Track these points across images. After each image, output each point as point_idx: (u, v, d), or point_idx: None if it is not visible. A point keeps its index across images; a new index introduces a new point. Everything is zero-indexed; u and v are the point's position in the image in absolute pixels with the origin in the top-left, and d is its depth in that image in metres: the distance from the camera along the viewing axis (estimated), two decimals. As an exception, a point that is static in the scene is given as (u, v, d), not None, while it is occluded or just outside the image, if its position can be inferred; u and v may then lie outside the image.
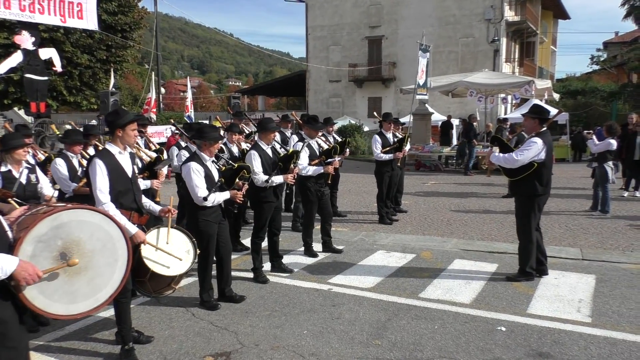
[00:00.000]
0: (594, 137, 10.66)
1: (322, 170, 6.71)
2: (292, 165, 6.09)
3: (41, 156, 5.72)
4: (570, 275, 6.08)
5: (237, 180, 5.24)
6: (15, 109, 23.77)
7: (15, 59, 15.06)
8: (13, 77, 20.25)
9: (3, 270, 2.44)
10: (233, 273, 6.20)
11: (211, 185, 4.98)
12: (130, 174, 4.15)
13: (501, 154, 5.77)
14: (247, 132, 10.04)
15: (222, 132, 6.41)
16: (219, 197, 5.01)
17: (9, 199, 4.19)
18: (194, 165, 4.94)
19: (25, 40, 15.28)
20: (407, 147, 9.31)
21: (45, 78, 15.97)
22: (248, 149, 6.43)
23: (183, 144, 7.61)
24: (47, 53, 16.00)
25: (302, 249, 7.13)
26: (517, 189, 5.83)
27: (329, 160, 6.79)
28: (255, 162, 5.81)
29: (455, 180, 15.29)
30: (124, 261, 3.20)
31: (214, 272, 5.30)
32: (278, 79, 50.46)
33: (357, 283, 5.84)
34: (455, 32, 32.83)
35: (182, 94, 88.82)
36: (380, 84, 34.65)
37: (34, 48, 15.43)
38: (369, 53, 35.07)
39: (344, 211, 9.97)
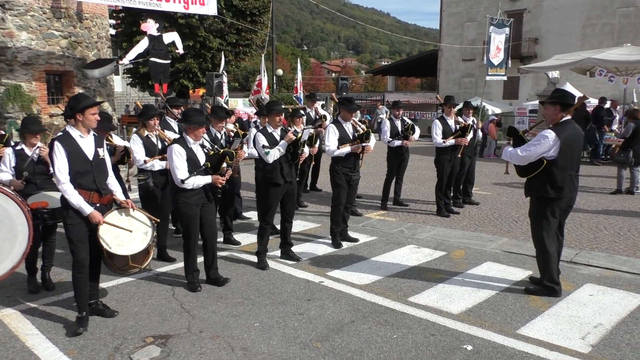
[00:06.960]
0: None
1: (350, 150, 6.46)
2: (299, 151, 5.92)
3: None
4: (613, 293, 5.09)
5: (222, 165, 5.24)
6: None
7: (142, 45, 16.63)
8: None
9: None
10: (246, 256, 6.31)
11: (194, 169, 5.04)
12: (91, 157, 4.32)
13: (509, 148, 4.97)
14: (315, 117, 9.94)
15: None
16: (199, 181, 5.05)
17: None
18: (176, 147, 5.03)
19: (151, 27, 16.81)
20: (470, 135, 8.46)
21: (168, 61, 17.41)
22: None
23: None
24: (170, 37, 17.42)
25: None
26: (528, 189, 4.99)
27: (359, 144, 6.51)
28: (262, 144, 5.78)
29: (568, 171, 13.57)
30: (24, 237, 3.41)
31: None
32: (408, 59, 49.05)
33: (354, 279, 5.52)
34: (612, 0, 28.85)
35: (332, 74, 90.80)
36: (518, 62, 31.78)
37: (158, 34, 16.95)
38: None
39: (406, 199, 9.44)
